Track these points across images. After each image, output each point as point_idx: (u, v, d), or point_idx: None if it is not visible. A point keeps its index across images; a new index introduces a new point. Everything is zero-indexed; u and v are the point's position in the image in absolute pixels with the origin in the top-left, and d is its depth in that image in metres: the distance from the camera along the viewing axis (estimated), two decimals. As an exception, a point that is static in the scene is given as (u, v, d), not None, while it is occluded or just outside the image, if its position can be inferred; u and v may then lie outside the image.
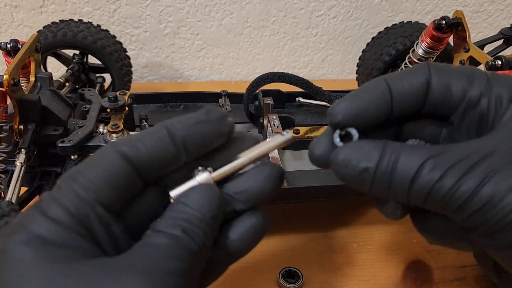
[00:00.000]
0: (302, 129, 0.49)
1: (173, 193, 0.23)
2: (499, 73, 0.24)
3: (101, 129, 0.43)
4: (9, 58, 0.43)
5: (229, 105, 0.52)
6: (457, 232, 0.23)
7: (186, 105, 0.56)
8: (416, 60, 0.54)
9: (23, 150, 0.38)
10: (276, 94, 0.52)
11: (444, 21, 0.50)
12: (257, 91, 0.51)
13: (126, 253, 0.20)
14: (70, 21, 0.58)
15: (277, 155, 0.46)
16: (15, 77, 0.37)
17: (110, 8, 0.70)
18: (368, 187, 0.22)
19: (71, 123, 0.43)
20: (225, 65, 0.80)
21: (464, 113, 0.23)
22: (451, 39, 0.53)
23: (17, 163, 0.38)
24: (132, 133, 0.43)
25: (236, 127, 0.53)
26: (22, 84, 0.41)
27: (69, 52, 0.59)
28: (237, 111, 0.53)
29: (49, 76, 0.44)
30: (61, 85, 0.55)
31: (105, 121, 0.45)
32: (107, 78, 0.60)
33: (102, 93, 0.59)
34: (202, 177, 0.23)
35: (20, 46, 0.42)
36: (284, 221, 0.47)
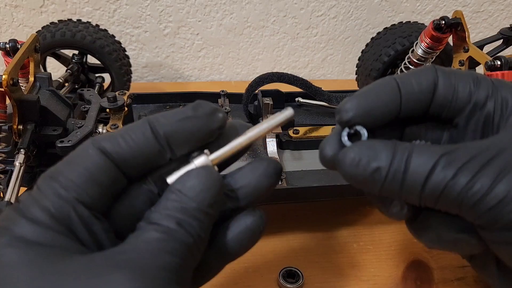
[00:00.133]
0: (302, 129, 0.49)
1: (170, 179, 0.21)
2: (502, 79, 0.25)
3: (100, 129, 0.43)
4: (8, 58, 0.43)
5: (228, 105, 0.52)
6: (457, 234, 0.23)
7: (186, 105, 0.55)
8: (415, 60, 0.53)
9: (22, 150, 0.38)
10: (275, 94, 0.52)
11: (443, 21, 0.50)
12: (257, 91, 0.51)
13: (118, 247, 0.19)
14: (68, 21, 0.58)
15: (276, 155, 0.46)
16: (14, 77, 0.37)
17: (110, 8, 0.70)
18: (379, 188, 0.22)
19: (70, 123, 0.43)
20: (225, 65, 0.80)
21: (469, 115, 0.23)
22: (450, 39, 0.53)
23: (16, 163, 0.38)
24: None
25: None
26: (21, 84, 0.41)
27: (69, 52, 0.59)
28: (237, 111, 0.53)
29: (48, 76, 0.44)
30: (60, 85, 0.55)
31: (104, 121, 0.45)
32: (106, 78, 0.60)
33: (102, 93, 0.59)
34: (200, 161, 0.22)
35: (19, 46, 0.42)
36: (284, 221, 0.47)
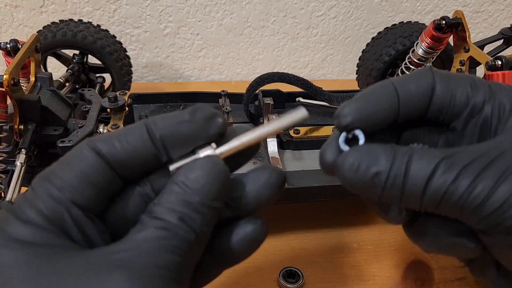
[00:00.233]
0: (302, 129, 0.49)
1: (172, 166, 0.21)
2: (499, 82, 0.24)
3: (101, 129, 0.43)
4: (9, 58, 0.43)
5: (229, 105, 0.52)
6: (454, 238, 0.23)
7: (186, 105, 0.56)
8: (416, 60, 0.54)
9: (23, 150, 0.38)
10: (276, 94, 0.52)
11: (444, 21, 0.50)
12: (257, 91, 0.51)
13: (117, 244, 0.19)
14: (69, 21, 0.58)
15: (277, 155, 0.46)
16: (15, 77, 0.37)
17: (110, 8, 0.70)
18: (379, 193, 0.21)
19: (71, 123, 0.43)
20: (225, 65, 0.80)
21: (467, 119, 0.23)
22: (451, 39, 0.53)
23: (17, 163, 0.38)
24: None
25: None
26: (22, 84, 0.41)
27: (69, 52, 0.59)
28: (237, 111, 0.53)
29: (49, 76, 0.44)
30: (61, 85, 0.55)
31: (105, 121, 0.45)
32: (107, 78, 0.60)
33: (102, 93, 0.59)
34: (205, 152, 0.21)
35: (20, 46, 0.42)
36: (284, 221, 0.47)
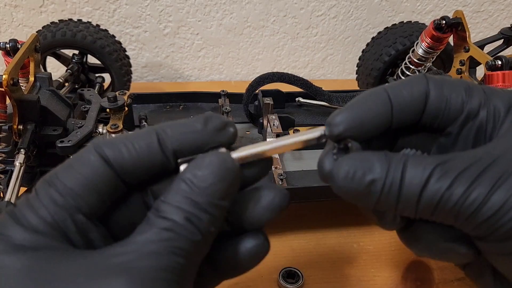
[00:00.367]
0: (302, 129, 0.49)
1: (183, 166, 0.20)
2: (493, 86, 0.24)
3: (100, 129, 0.43)
4: (8, 58, 0.43)
5: (228, 105, 0.52)
6: (445, 243, 0.23)
7: (186, 105, 0.56)
8: (416, 60, 0.53)
9: (22, 150, 0.38)
10: (276, 94, 0.52)
11: (444, 21, 0.50)
12: (257, 91, 0.51)
13: (121, 243, 0.19)
14: (69, 21, 0.58)
15: (277, 155, 0.46)
16: (14, 77, 0.37)
17: (110, 8, 0.70)
18: (374, 202, 0.21)
19: (70, 123, 0.42)
20: (225, 65, 0.79)
21: (462, 125, 0.23)
22: (451, 39, 0.53)
23: (16, 163, 0.38)
24: (131, 133, 0.43)
25: (236, 127, 0.54)
26: (21, 84, 0.41)
27: (69, 52, 0.59)
28: (237, 111, 0.53)
29: (48, 76, 0.44)
30: (60, 85, 0.55)
31: (104, 121, 0.45)
32: (106, 78, 0.60)
33: (102, 93, 0.59)
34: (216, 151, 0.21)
35: (20, 46, 0.42)
36: (284, 221, 0.47)
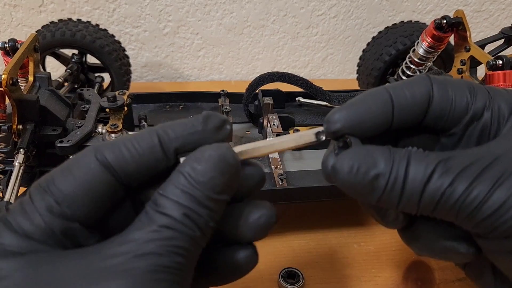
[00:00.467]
0: (302, 129, 0.49)
1: (182, 158, 0.20)
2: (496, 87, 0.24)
3: (100, 129, 0.43)
4: (8, 58, 0.43)
5: (228, 105, 0.52)
6: (445, 243, 0.23)
7: (186, 105, 0.55)
8: (417, 59, 0.53)
9: (21, 150, 0.38)
10: (276, 94, 0.52)
11: (444, 21, 0.50)
12: (257, 91, 0.50)
13: (119, 241, 0.18)
14: (68, 20, 0.58)
15: (277, 155, 0.46)
16: (13, 77, 0.37)
17: (109, 7, 0.70)
18: (378, 197, 0.21)
19: (70, 123, 0.42)
20: (225, 65, 0.79)
21: (466, 125, 0.23)
22: (452, 39, 0.53)
23: (16, 163, 0.38)
24: (131, 134, 0.43)
25: (236, 127, 0.53)
26: (20, 84, 0.41)
27: (68, 51, 0.59)
28: (237, 111, 0.53)
29: (47, 75, 0.44)
30: (60, 85, 0.55)
31: (104, 121, 0.44)
32: (106, 77, 0.60)
33: (101, 92, 0.59)
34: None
35: (19, 46, 0.42)
36: (284, 221, 0.47)
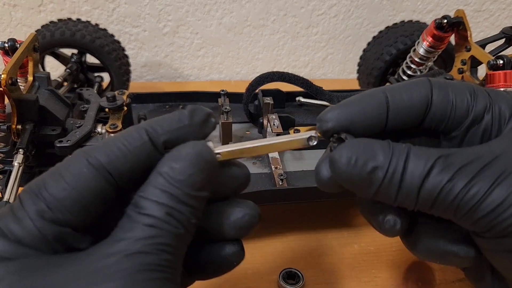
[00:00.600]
0: (303, 129, 0.49)
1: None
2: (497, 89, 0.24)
3: (99, 129, 0.43)
4: (7, 58, 0.43)
5: (228, 104, 0.52)
6: (445, 247, 0.23)
7: (186, 105, 0.55)
8: (417, 59, 0.53)
9: (21, 150, 0.38)
10: (276, 94, 0.52)
11: (445, 20, 0.50)
12: (257, 90, 0.50)
13: (107, 244, 0.18)
14: (68, 20, 0.58)
15: (277, 155, 0.46)
16: (13, 77, 0.37)
17: (109, 7, 0.70)
18: (375, 190, 0.21)
19: (69, 123, 0.42)
20: (224, 65, 0.79)
21: (467, 128, 0.23)
22: (452, 38, 0.52)
23: (15, 163, 0.37)
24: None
25: (236, 127, 0.53)
26: (20, 84, 0.41)
27: (68, 51, 0.59)
28: (237, 110, 0.53)
29: (47, 75, 0.44)
30: (59, 85, 0.55)
31: (103, 121, 0.44)
32: (105, 77, 0.60)
33: (101, 92, 0.59)
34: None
35: (18, 46, 0.42)
36: (284, 222, 0.47)
